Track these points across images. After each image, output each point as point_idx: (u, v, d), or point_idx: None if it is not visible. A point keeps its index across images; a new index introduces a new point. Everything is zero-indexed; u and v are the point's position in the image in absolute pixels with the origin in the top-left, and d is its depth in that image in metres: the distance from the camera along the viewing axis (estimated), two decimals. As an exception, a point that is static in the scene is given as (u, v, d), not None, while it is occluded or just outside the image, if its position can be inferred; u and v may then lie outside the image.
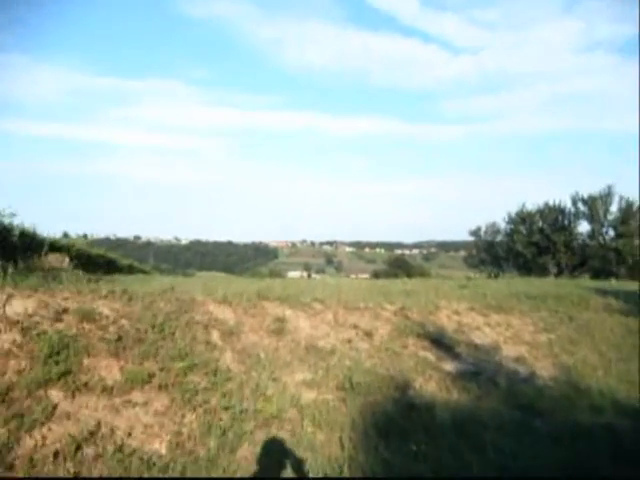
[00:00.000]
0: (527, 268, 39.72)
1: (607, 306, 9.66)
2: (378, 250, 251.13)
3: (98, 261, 33.00)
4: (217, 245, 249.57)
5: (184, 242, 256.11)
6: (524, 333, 7.24)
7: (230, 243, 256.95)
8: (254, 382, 4.64)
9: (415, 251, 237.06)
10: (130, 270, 39.83)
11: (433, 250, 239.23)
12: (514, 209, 39.62)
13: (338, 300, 7.35)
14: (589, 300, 10.15)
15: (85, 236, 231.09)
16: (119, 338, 4.46)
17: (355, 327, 6.34)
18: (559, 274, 37.61)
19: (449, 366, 5.92)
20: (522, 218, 38.09)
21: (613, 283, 18.90)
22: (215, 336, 5.20)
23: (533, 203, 39.07)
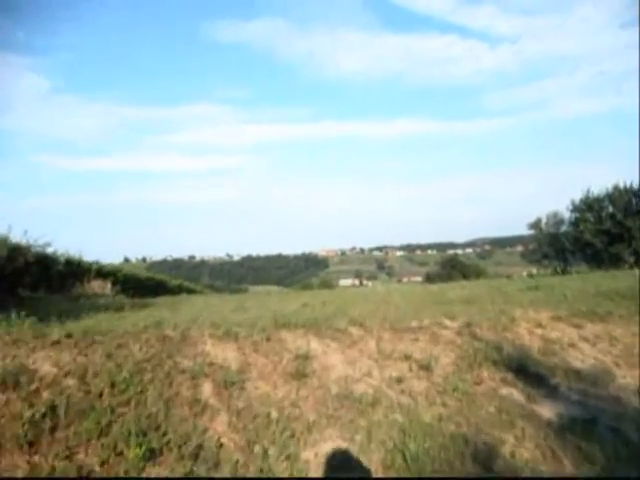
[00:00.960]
0: (598, 260, 35.80)
1: None
2: (430, 252, 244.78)
3: (148, 284, 32.85)
4: (268, 259, 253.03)
5: (236, 258, 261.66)
6: (636, 350, 5.25)
7: (280, 256, 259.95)
8: (257, 465, 3.08)
9: (468, 250, 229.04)
10: (179, 290, 39.66)
11: (487, 247, 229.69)
12: (578, 196, 35.96)
13: (383, 319, 5.69)
14: None
15: (144, 259, 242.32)
16: (46, 414, 3.05)
17: (407, 358, 4.65)
18: (636, 264, 33.62)
19: (548, 410, 4.10)
20: (589, 205, 34.30)
21: None
22: (206, 391, 3.69)
23: (600, 187, 35.27)
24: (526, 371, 4.50)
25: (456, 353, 4.75)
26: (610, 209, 33.89)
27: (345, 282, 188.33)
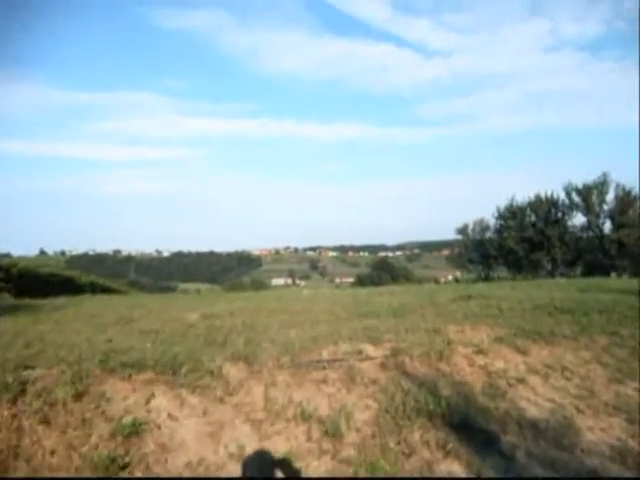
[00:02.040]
0: (518, 266, 37.33)
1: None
2: (362, 253, 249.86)
3: (52, 280, 29.17)
4: (200, 256, 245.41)
5: (166, 254, 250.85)
6: (596, 384, 4.35)
7: (213, 253, 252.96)
8: None
9: (398, 253, 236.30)
10: (92, 288, 35.97)
11: (416, 251, 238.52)
12: (503, 203, 37.18)
13: (285, 347, 4.29)
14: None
15: (63, 253, 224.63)
16: None
17: (306, 418, 3.28)
18: (553, 271, 35.26)
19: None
20: (512, 212, 35.63)
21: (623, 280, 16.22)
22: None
23: (523, 196, 36.66)
24: (471, 428, 3.36)
25: (378, 402, 3.49)
26: (532, 217, 35.44)
27: (278, 281, 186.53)
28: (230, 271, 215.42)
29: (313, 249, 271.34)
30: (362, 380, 3.75)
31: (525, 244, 33.96)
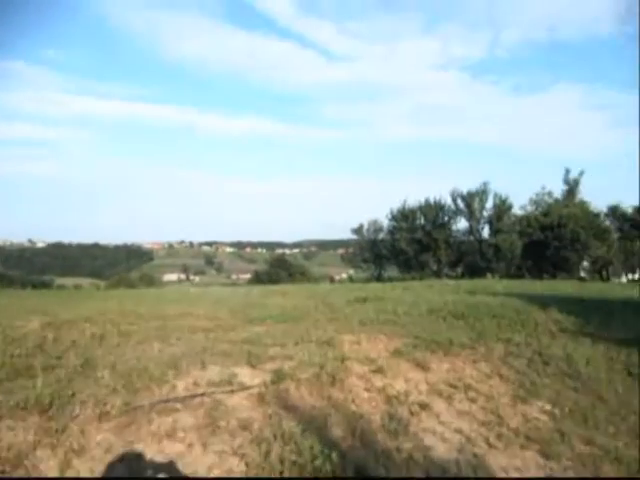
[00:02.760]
0: (408, 266, 39.07)
1: (560, 325, 6.94)
2: (259, 250, 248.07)
3: None
4: (82, 248, 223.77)
5: (40, 245, 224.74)
6: (502, 405, 3.87)
7: (97, 245, 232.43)
8: None
9: (295, 250, 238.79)
10: None
11: (313, 249, 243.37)
12: (396, 206, 38.63)
13: (126, 379, 3.10)
14: (531, 315, 7.40)
15: None
16: None
17: None
18: (439, 271, 37.45)
19: None
20: (404, 215, 37.16)
21: (505, 283, 17.35)
22: None
23: (415, 200, 38.47)
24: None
25: (246, 462, 2.52)
26: (422, 220, 37.34)
27: (170, 277, 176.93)
28: (117, 265, 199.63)
29: (209, 244, 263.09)
30: (228, 426, 2.75)
31: (415, 245, 35.64)
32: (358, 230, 44.54)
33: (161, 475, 2.26)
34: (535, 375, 4.63)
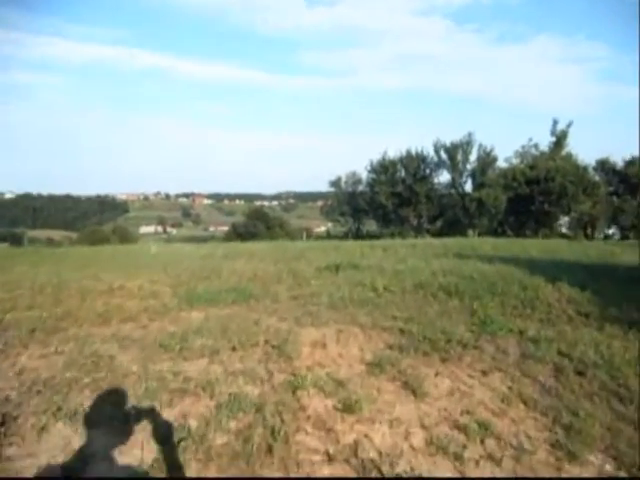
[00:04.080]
0: (387, 220, 37.84)
1: (577, 305, 5.62)
2: (237, 202, 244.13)
3: None
4: (53, 199, 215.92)
5: (9, 196, 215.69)
6: (536, 465, 2.52)
7: (69, 197, 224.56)
8: None
9: (274, 203, 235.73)
10: None
11: (292, 201, 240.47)
12: (376, 158, 36.74)
13: None
14: (540, 292, 6.06)
15: None
16: None
17: None
18: (419, 226, 36.38)
19: None
20: (384, 167, 35.38)
21: (498, 243, 16.17)
22: None
23: (395, 151, 36.56)
24: None
25: None
26: (402, 173, 35.66)
27: (147, 229, 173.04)
28: (91, 217, 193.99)
29: (186, 195, 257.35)
30: None
31: (395, 199, 34.17)
32: (336, 183, 42.78)
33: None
34: (572, 397, 3.27)
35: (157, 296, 5.93)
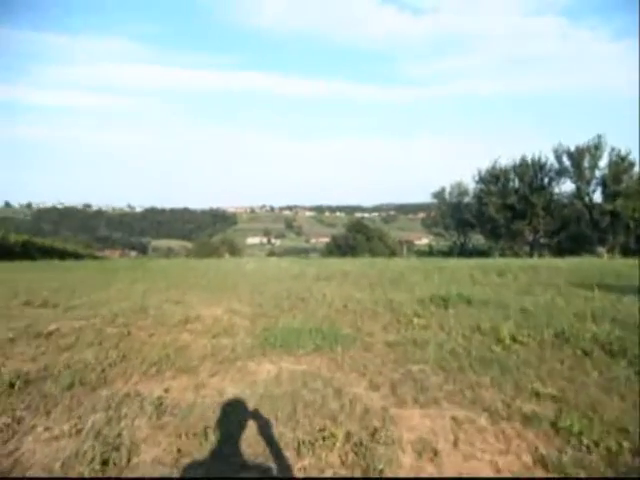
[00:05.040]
0: (496, 234, 34.51)
1: None
2: (338, 214, 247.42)
3: None
4: (174, 212, 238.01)
5: (138, 210, 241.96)
6: None
7: (187, 210, 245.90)
8: None
9: (374, 214, 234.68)
10: (24, 251, 30.96)
11: (392, 213, 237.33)
12: (485, 166, 33.79)
13: None
14: None
15: (29, 205, 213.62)
16: None
17: None
18: (534, 241, 32.62)
19: None
20: (495, 176, 32.32)
21: None
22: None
23: (508, 159, 33.18)
24: None
25: None
26: (516, 183, 32.22)
27: (253, 240, 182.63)
28: (205, 229, 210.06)
29: (289, 208, 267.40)
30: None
31: (506, 212, 30.94)
32: (439, 194, 40.36)
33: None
34: None
35: (231, 333, 5.12)
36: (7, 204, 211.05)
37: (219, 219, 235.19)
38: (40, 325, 5.32)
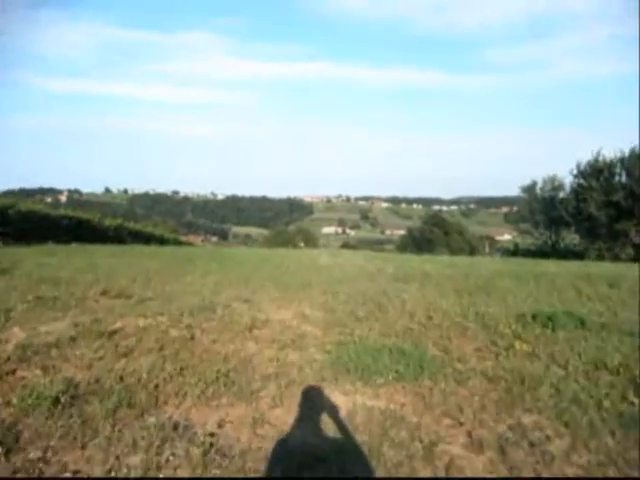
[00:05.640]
0: (594, 234, 31.06)
1: None
2: (415, 206, 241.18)
3: (63, 223, 26.50)
4: (253, 200, 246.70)
5: (220, 197, 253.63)
6: None
7: (265, 198, 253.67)
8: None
9: (453, 207, 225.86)
10: (116, 235, 33.04)
11: (472, 206, 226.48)
12: (585, 159, 30.43)
13: None
14: None
15: (126, 191, 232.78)
16: None
17: None
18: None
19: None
20: (597, 170, 28.96)
21: None
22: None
23: (613, 151, 29.47)
24: None
25: None
26: (622, 178, 28.67)
27: (328, 230, 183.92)
28: (282, 217, 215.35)
29: (365, 199, 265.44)
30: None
31: (610, 210, 27.61)
32: (530, 188, 37.16)
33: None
34: None
35: (300, 345, 4.57)
36: (107, 189, 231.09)
37: (296, 208, 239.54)
38: (107, 321, 5.13)
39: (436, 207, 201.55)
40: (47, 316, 5.24)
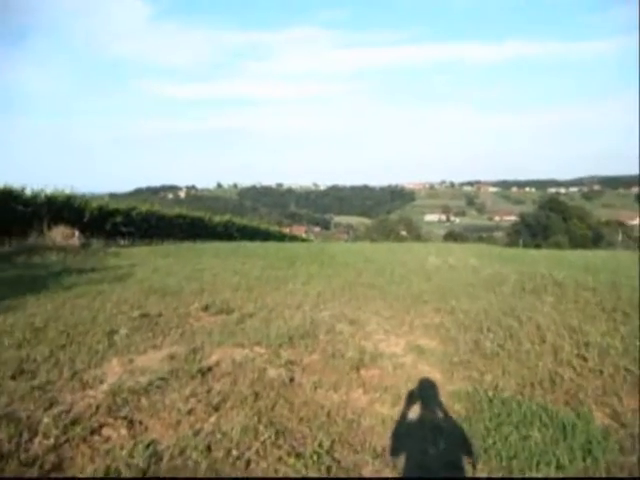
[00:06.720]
0: None
1: None
2: (527, 189, 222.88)
3: (177, 222, 28.14)
4: (354, 189, 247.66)
5: (322, 188, 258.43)
6: None
7: (366, 187, 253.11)
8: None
9: (573, 189, 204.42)
10: (225, 231, 34.41)
11: (596, 187, 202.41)
12: None
13: None
14: None
15: (235, 186, 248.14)
16: None
17: None
18: None
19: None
20: None
21: None
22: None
23: None
24: None
25: None
26: None
27: (431, 217, 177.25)
28: (383, 205, 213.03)
29: (471, 184, 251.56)
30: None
31: None
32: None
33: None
34: None
35: (420, 396, 3.73)
36: (219, 185, 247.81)
37: (397, 196, 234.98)
38: (204, 351, 4.76)
39: (552, 190, 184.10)
40: (147, 343, 5.02)
